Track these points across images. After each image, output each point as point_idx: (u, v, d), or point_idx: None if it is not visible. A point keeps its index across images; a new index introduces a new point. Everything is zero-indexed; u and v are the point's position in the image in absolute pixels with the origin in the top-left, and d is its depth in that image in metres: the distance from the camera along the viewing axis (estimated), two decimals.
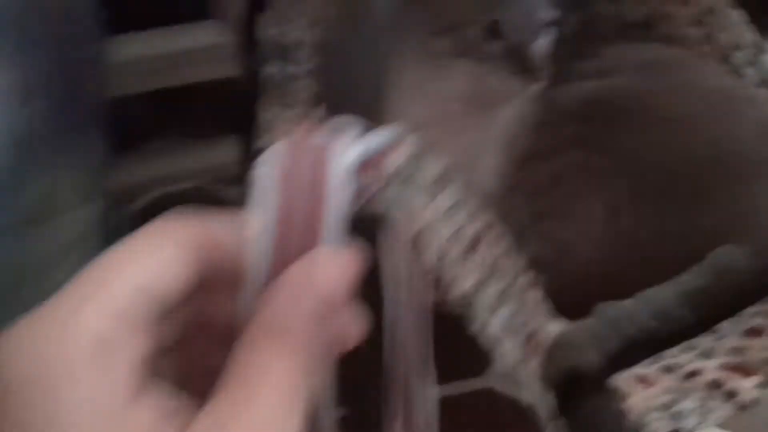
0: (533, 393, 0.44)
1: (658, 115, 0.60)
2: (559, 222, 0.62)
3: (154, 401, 0.20)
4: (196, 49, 0.87)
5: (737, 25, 0.70)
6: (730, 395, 0.44)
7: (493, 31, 0.58)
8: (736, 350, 0.48)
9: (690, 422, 0.43)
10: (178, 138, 1.01)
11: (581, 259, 0.61)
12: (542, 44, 0.60)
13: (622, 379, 0.48)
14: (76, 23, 0.52)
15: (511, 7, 0.58)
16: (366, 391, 0.33)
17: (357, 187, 0.27)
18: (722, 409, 0.43)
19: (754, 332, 0.49)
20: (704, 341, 0.50)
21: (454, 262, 0.36)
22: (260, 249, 0.22)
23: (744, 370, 0.45)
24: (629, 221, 0.60)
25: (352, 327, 0.23)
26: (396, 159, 0.30)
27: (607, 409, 0.44)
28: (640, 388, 0.47)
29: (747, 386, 0.44)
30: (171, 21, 0.86)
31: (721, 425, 0.42)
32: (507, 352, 0.42)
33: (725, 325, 0.50)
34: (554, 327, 0.48)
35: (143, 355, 0.20)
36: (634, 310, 0.53)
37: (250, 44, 0.74)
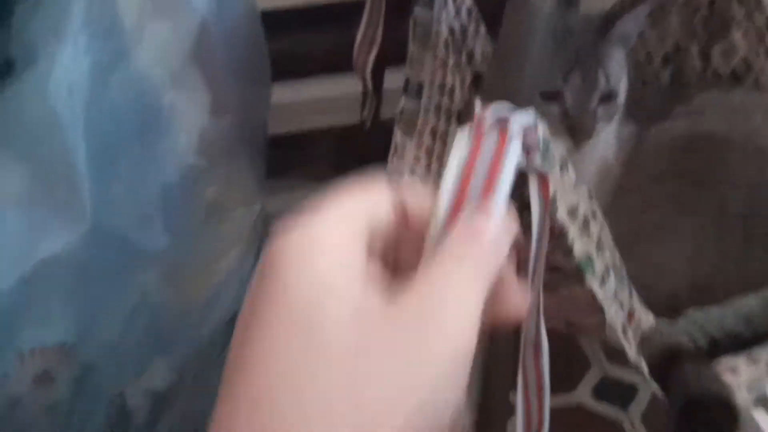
0: (634, 355, 0.50)
1: (745, 150, 0.67)
2: (652, 244, 0.68)
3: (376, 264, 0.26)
4: (323, 99, 1.00)
5: None
6: None
7: (554, 96, 0.67)
8: None
9: None
10: (297, 178, 1.13)
11: (672, 278, 0.67)
12: (597, 111, 0.69)
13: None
14: (251, 61, 0.64)
15: (572, 83, 0.67)
16: None
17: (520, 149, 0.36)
18: None
19: None
20: None
21: (574, 228, 0.44)
22: (447, 192, 0.29)
23: None
24: (715, 243, 0.65)
25: (518, 301, 0.29)
26: (540, 133, 0.39)
27: (703, 373, 0.50)
28: (729, 375, 0.52)
29: None
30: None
31: None
32: (613, 317, 0.48)
33: None
34: (649, 317, 0.55)
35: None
36: (721, 315, 0.59)
37: (374, 94, 0.85)
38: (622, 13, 0.70)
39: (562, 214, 0.42)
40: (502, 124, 0.34)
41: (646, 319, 0.56)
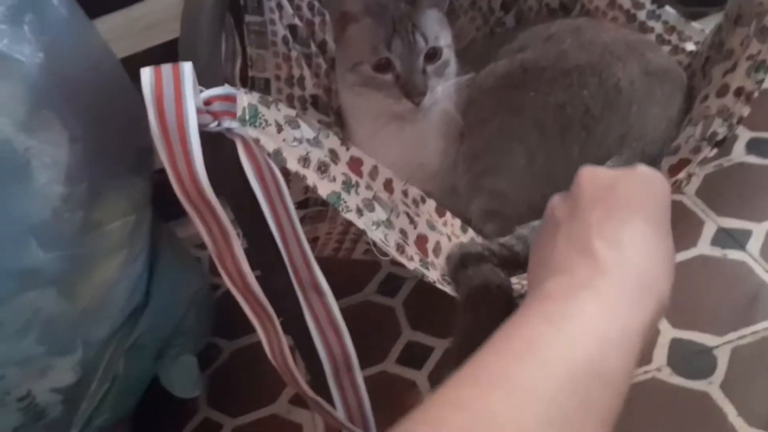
0: (414, 267, 0.57)
1: (554, 74, 0.72)
2: (493, 176, 0.75)
3: None
4: None
5: None
6: None
7: (385, 66, 0.75)
8: None
9: None
10: None
11: (516, 203, 0.73)
12: (426, 69, 0.76)
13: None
14: (111, 97, 0.74)
15: (395, 49, 0.75)
16: None
17: (210, 112, 0.45)
18: None
19: None
20: None
21: (310, 174, 0.51)
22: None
23: None
24: (543, 162, 0.72)
25: None
26: (239, 103, 0.47)
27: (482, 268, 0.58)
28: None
29: None
30: None
31: None
32: (382, 239, 0.55)
33: None
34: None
35: None
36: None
37: None
38: None
39: (293, 165, 0.49)
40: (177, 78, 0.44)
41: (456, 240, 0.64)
